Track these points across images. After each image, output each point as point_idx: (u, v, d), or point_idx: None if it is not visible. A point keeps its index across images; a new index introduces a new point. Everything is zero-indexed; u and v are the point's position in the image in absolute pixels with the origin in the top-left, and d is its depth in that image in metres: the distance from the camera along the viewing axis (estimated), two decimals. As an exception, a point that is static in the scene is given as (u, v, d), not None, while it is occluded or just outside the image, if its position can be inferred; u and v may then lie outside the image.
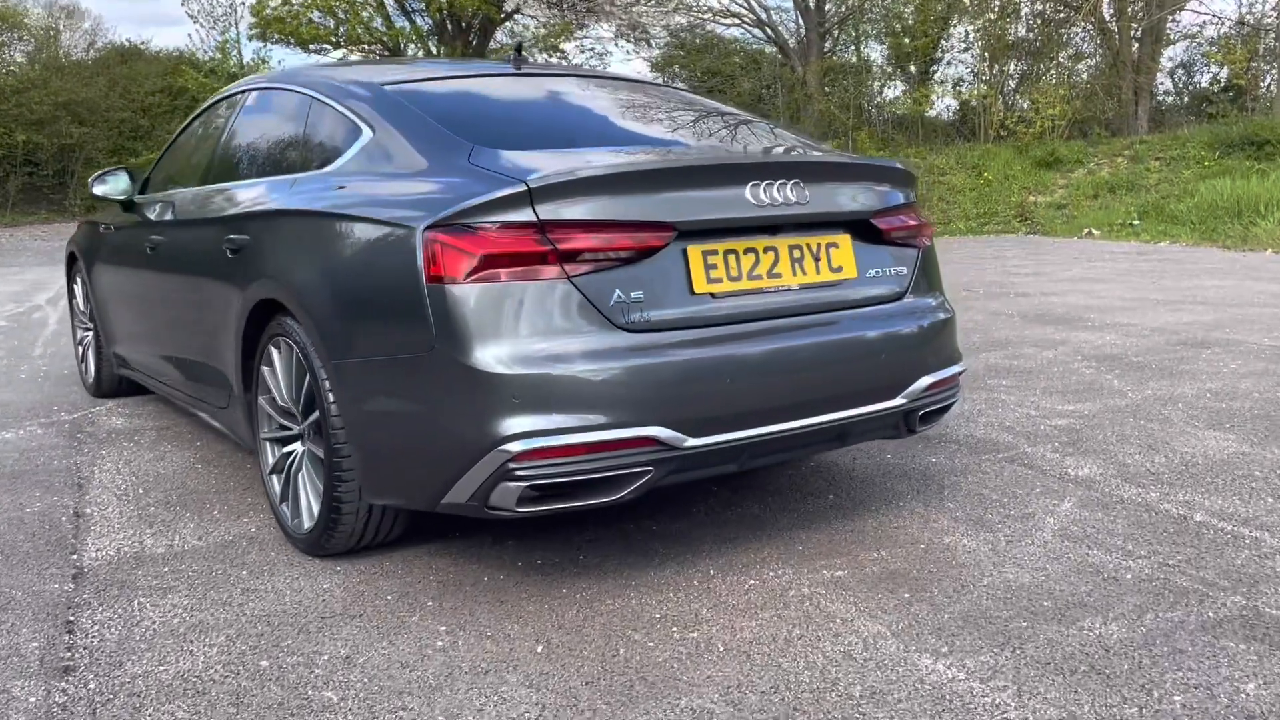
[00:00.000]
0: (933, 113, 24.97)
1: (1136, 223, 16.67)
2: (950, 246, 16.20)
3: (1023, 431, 4.60)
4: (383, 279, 2.74)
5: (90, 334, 5.66)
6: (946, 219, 19.20)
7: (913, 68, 25.88)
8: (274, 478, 3.39)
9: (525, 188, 2.58)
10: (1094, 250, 14.52)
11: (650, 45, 30.23)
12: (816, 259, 3.02)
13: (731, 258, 2.85)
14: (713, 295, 2.80)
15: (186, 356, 4.11)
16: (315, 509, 3.10)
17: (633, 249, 2.67)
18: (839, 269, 3.06)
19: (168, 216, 4.30)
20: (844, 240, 3.09)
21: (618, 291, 2.65)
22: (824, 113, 22.62)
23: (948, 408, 3.45)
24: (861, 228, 3.15)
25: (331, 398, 2.91)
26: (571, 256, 2.60)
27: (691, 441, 2.70)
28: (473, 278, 2.55)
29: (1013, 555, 3.14)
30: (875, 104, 23.92)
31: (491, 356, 2.54)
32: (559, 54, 31.53)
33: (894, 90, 25.86)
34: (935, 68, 26.43)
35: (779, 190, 2.89)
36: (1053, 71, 24.00)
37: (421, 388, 2.67)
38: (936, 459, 4.21)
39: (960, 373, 3.42)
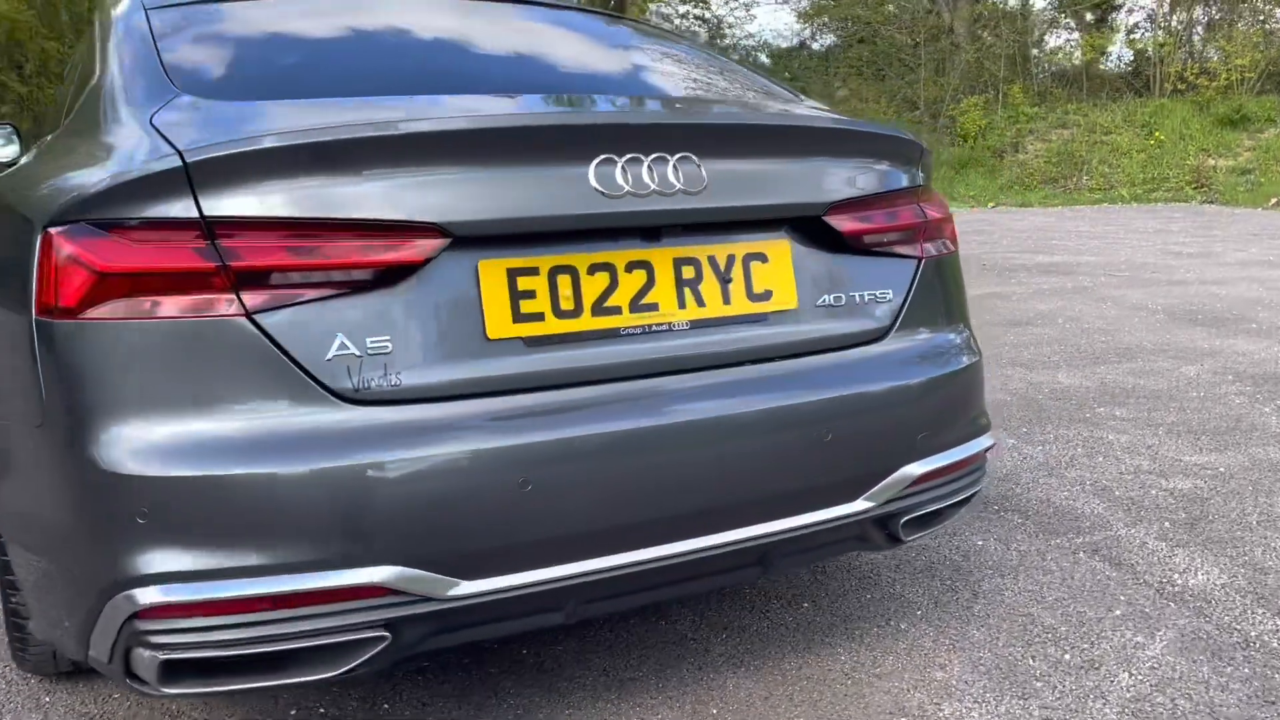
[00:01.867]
0: (1100, 65, 22.46)
1: (1335, 192, 14.35)
2: (1106, 216, 14.36)
3: (1124, 498, 3.32)
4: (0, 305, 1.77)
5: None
6: (1108, 184, 17.14)
7: (1089, 15, 23.30)
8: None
9: (179, 162, 1.55)
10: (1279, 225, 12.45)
11: (798, -7, 28.48)
12: (725, 279, 1.88)
13: (564, 280, 1.75)
14: (525, 342, 1.72)
15: None
16: (19, 611, 2.19)
17: (368, 267, 1.62)
18: (765, 295, 1.92)
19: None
20: (778, 249, 1.94)
21: (340, 338, 1.60)
22: (971, 64, 20.56)
23: (963, 502, 2.26)
24: (813, 229, 1.99)
25: None
26: (255, 278, 1.57)
27: (465, 587, 1.65)
28: (93, 310, 1.55)
29: (1043, 755, 1.96)
30: (1034, 54, 21.54)
31: (111, 444, 1.54)
32: (700, 4, 30.17)
33: (1056, 39, 23.35)
34: (1115, 15, 23.80)
35: (653, 170, 1.77)
36: (1245, 17, 21.17)
37: (35, 482, 1.70)
38: (983, 541, 3.00)
39: (983, 451, 2.22)
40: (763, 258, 1.92)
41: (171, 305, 1.55)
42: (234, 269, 1.56)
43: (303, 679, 1.65)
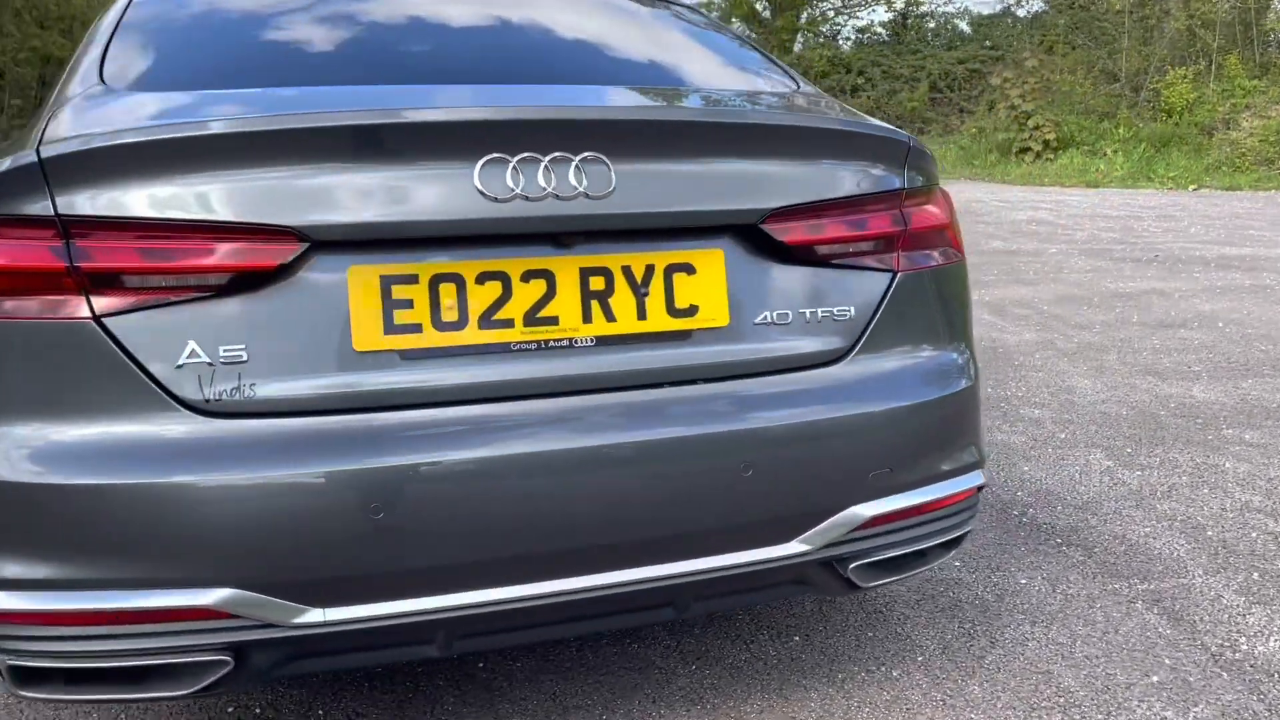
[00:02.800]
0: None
1: None
2: (1323, 203, 12.92)
3: (1216, 539, 2.91)
4: None
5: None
6: (1332, 168, 15.44)
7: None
8: None
9: (35, 158, 1.51)
10: None
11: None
12: (641, 292, 1.70)
13: (448, 289, 1.62)
14: (401, 355, 1.60)
15: None
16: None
17: (222, 271, 1.53)
18: (689, 310, 1.73)
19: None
20: (708, 259, 1.74)
21: (192, 345, 1.53)
22: (1182, 32, 18.81)
23: (947, 546, 2.00)
24: (755, 238, 1.78)
25: None
26: (105, 280, 1.51)
27: (313, 615, 1.55)
28: None
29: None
30: (1261, 20, 19.43)
31: None
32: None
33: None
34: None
35: (550, 171, 1.61)
36: None
37: None
38: (1028, 580, 2.69)
39: (968, 491, 1.95)
40: (689, 269, 1.72)
41: (23, 305, 1.51)
42: (84, 270, 1.50)
43: (158, 695, 1.61)
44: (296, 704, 2.15)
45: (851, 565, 1.84)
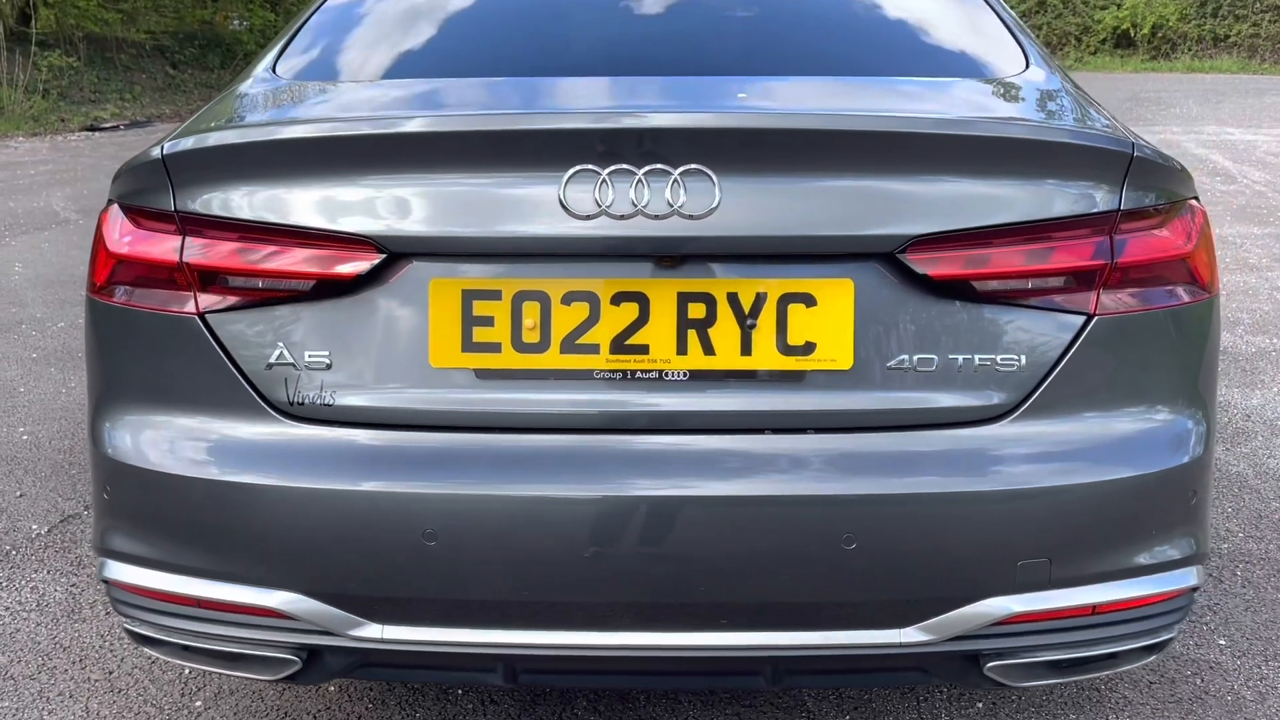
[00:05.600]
0: None
1: None
2: None
3: None
4: None
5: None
6: None
7: None
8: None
9: (159, 156, 1.56)
10: None
11: None
12: (747, 325, 1.48)
13: (531, 308, 1.49)
14: (478, 375, 1.51)
15: None
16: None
17: (307, 278, 1.51)
18: (804, 348, 1.48)
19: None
20: (833, 290, 1.47)
21: (280, 348, 1.53)
22: None
23: (1144, 651, 1.63)
24: (897, 268, 1.48)
25: None
26: (211, 278, 1.55)
27: (371, 630, 1.54)
28: (106, 291, 1.64)
29: None
30: None
31: (96, 416, 1.66)
32: None
33: None
34: None
35: (646, 186, 1.42)
36: None
37: None
38: (1310, 681, 2.16)
39: (1170, 594, 1.56)
40: (808, 299, 1.47)
41: (141, 294, 1.59)
42: (193, 266, 1.54)
43: (250, 677, 1.67)
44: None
45: (991, 663, 1.54)
